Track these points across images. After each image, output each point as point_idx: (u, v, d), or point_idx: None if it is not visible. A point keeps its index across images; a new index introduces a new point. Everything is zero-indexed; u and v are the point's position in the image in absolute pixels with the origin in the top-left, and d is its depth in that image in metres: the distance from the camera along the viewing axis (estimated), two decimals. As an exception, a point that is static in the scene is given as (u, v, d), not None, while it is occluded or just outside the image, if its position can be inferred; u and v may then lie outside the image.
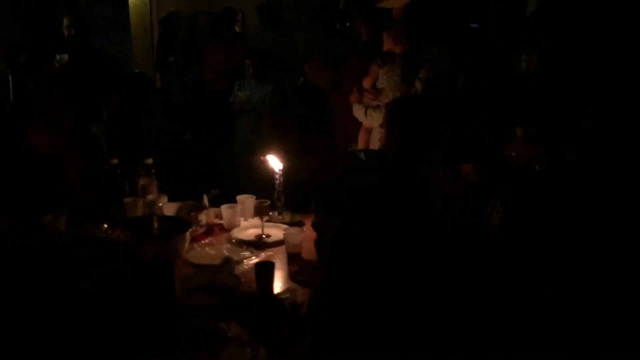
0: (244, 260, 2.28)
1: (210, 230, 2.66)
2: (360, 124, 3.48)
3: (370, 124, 3.31)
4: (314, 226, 1.41)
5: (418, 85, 2.94)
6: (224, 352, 1.53)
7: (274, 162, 2.70)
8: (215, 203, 2.77)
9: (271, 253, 2.40)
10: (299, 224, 2.67)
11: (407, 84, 3.02)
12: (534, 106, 2.64)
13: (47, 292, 1.78)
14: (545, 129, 2.49)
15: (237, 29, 6.24)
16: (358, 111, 3.37)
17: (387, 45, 3.12)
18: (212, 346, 1.61)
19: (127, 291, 1.69)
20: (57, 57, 4.14)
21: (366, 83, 3.16)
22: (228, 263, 2.18)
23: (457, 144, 2.74)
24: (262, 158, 2.80)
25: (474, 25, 5.44)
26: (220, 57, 5.31)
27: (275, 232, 2.55)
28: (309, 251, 2.19)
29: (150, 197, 2.71)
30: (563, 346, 1.99)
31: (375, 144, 3.25)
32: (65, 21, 4.42)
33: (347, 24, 6.16)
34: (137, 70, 6.40)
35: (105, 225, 2.32)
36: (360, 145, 3.50)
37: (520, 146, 2.48)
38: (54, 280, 1.84)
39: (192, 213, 2.60)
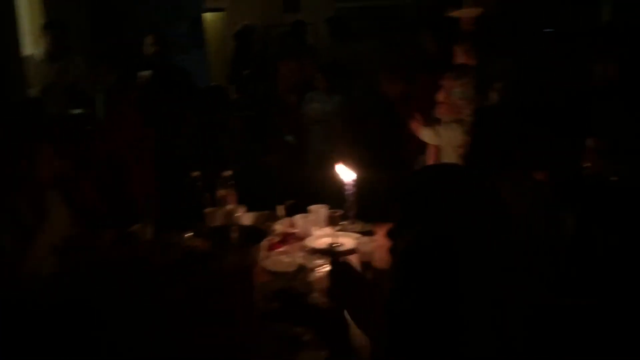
0: (317, 268, 2.38)
1: (285, 239, 2.78)
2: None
3: (440, 142, 3.29)
4: (390, 234, 1.46)
5: (493, 97, 2.95)
6: (299, 355, 1.61)
7: (346, 173, 2.78)
8: (290, 213, 2.90)
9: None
10: (370, 234, 2.75)
11: (481, 96, 3.02)
12: (609, 117, 2.61)
13: (139, 296, 1.95)
14: (620, 140, 2.46)
15: (307, 41, 6.40)
16: (425, 133, 3.32)
17: (459, 58, 3.12)
18: (289, 350, 1.71)
19: (210, 297, 1.82)
20: (139, 74, 4.39)
21: (440, 97, 3.16)
22: (302, 270, 2.28)
23: (530, 154, 2.74)
24: (334, 169, 2.89)
25: (548, 30, 5.37)
26: (291, 70, 5.47)
27: (347, 240, 2.64)
28: (380, 260, 2.27)
29: (229, 207, 2.85)
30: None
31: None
32: (149, 40, 4.70)
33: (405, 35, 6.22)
34: (213, 84, 6.65)
35: (189, 234, 2.49)
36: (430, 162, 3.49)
37: (594, 157, 2.46)
38: (144, 285, 2.01)
39: (268, 223, 2.73)
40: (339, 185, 2.91)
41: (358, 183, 2.79)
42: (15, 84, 3.65)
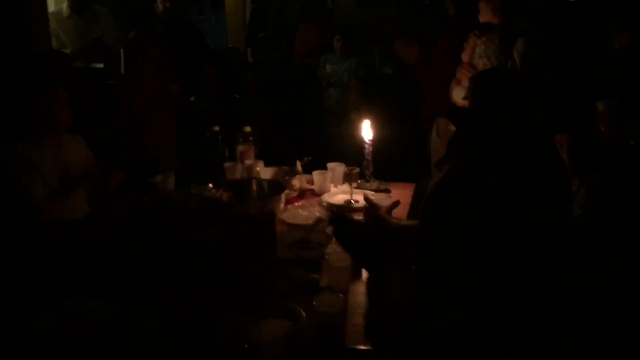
0: (334, 222, 2.44)
1: (302, 194, 2.84)
2: (447, 98, 3.52)
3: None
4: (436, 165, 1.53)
5: (515, 57, 2.95)
6: (316, 297, 1.69)
7: (363, 131, 2.83)
8: (307, 170, 2.96)
9: (359, 217, 2.54)
10: (386, 192, 2.81)
11: (505, 55, 3.02)
12: (622, 82, 2.63)
13: (162, 240, 2.03)
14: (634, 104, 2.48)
15: (327, 5, 6.37)
16: (457, 91, 3.31)
17: (485, 16, 3.10)
18: (306, 293, 1.79)
19: (232, 242, 1.90)
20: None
21: (465, 56, 3.13)
22: (320, 223, 2.35)
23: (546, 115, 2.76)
24: (350, 128, 2.94)
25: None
26: (310, 33, 5.48)
27: (363, 198, 2.69)
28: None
29: (248, 162, 2.92)
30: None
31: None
32: None
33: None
34: (230, 46, 6.67)
35: (210, 186, 2.57)
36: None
37: (606, 120, 2.48)
38: (167, 230, 2.08)
39: (286, 177, 2.80)
40: (356, 144, 2.96)
41: (375, 142, 2.84)
42: (41, 38, 3.70)
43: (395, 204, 1.85)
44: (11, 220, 2.30)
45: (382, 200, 2.47)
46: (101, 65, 4.17)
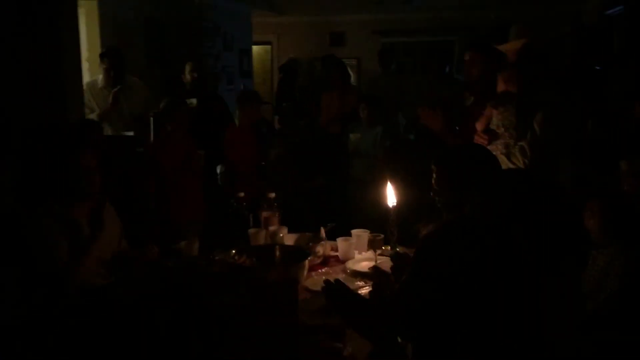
0: (358, 290, 2.41)
1: (326, 261, 2.82)
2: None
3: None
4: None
5: (536, 127, 2.95)
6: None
7: (387, 198, 2.82)
8: (331, 236, 2.95)
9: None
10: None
11: (523, 124, 3.02)
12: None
13: (186, 307, 2.01)
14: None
15: (351, 75, 6.53)
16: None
17: (501, 86, 3.14)
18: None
19: (254, 309, 1.87)
20: (187, 101, 4.57)
21: (479, 125, 3.17)
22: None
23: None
24: (375, 195, 2.93)
25: (597, 67, 5.36)
26: (333, 102, 5.61)
27: (388, 264, 2.65)
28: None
29: (272, 228, 2.92)
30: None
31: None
32: (188, 67, 4.91)
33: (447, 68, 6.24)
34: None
35: (233, 252, 2.56)
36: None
37: (630, 180, 2.45)
38: (192, 297, 2.07)
39: (310, 244, 2.78)
40: (380, 210, 2.94)
41: (400, 209, 2.82)
42: (75, 107, 3.84)
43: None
44: (36, 283, 2.31)
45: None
46: (131, 133, 4.29)
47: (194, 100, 4.70)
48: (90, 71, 4.93)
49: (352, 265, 2.70)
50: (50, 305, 2.10)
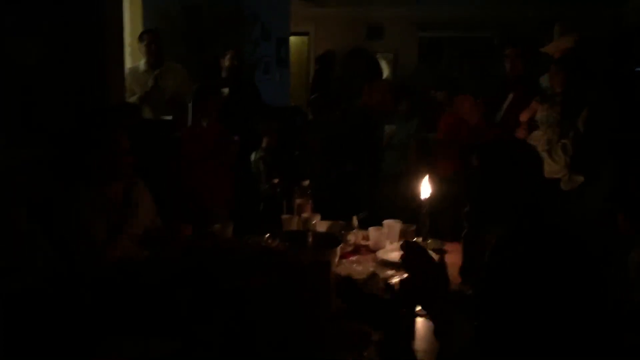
0: (388, 279, 2.42)
1: (357, 249, 2.84)
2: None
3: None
4: (465, 237, 1.52)
5: (580, 126, 2.92)
6: (367, 350, 1.67)
7: (421, 189, 2.82)
8: (363, 226, 2.96)
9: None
10: (442, 252, 2.76)
11: (567, 122, 3.00)
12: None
13: (220, 283, 2.05)
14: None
15: (385, 66, 6.52)
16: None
17: (549, 81, 3.11)
18: (357, 346, 1.76)
19: (287, 289, 1.90)
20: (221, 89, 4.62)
21: (524, 117, 3.14)
22: (374, 277, 2.33)
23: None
24: (408, 186, 2.93)
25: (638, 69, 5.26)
26: (369, 94, 5.60)
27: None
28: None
29: (305, 215, 2.95)
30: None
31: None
32: (229, 54, 4.96)
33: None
34: (292, 105, 6.87)
35: (266, 236, 2.60)
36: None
37: None
38: (225, 275, 2.11)
39: (342, 232, 2.80)
40: (413, 203, 2.95)
41: (434, 200, 2.82)
42: (116, 91, 3.92)
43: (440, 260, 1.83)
44: (73, 260, 2.38)
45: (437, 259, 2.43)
46: (169, 117, 4.36)
47: (225, 90, 4.75)
48: (132, 56, 5.02)
49: (382, 254, 2.71)
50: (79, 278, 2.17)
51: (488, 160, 1.79)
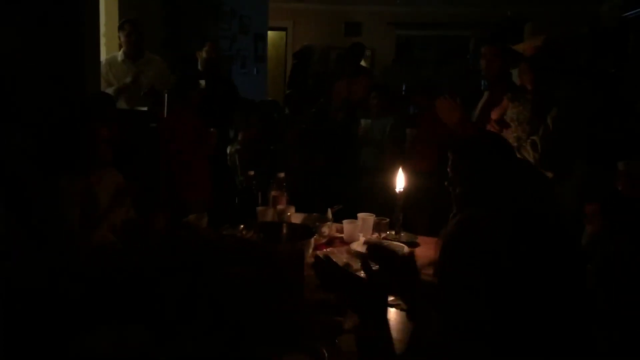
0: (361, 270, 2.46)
1: (331, 241, 2.88)
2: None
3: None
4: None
5: (549, 123, 2.99)
6: (339, 338, 1.70)
7: (395, 184, 2.87)
8: (338, 219, 3.00)
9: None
10: (414, 245, 2.82)
11: (537, 119, 3.06)
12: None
13: (194, 278, 2.07)
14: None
15: (363, 63, 6.57)
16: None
17: (519, 81, 3.17)
18: (330, 334, 1.80)
19: (262, 279, 1.93)
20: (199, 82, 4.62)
21: (494, 114, 3.19)
22: (348, 268, 2.36)
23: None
24: (383, 182, 2.98)
25: (612, 70, 5.38)
26: (344, 89, 5.66)
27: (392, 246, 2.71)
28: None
29: (280, 207, 2.97)
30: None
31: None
32: (207, 47, 4.97)
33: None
34: (269, 99, 6.88)
35: (242, 227, 2.62)
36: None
37: (623, 181, 2.49)
38: (199, 269, 2.12)
39: (317, 224, 2.84)
40: (387, 197, 3.00)
41: (408, 195, 2.87)
42: (92, 82, 3.90)
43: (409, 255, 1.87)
44: (49, 249, 2.38)
45: (396, 249, 2.49)
46: (145, 108, 4.35)
47: (202, 82, 4.75)
48: (107, 46, 4.98)
49: (356, 246, 2.75)
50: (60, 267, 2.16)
51: (462, 152, 1.86)
